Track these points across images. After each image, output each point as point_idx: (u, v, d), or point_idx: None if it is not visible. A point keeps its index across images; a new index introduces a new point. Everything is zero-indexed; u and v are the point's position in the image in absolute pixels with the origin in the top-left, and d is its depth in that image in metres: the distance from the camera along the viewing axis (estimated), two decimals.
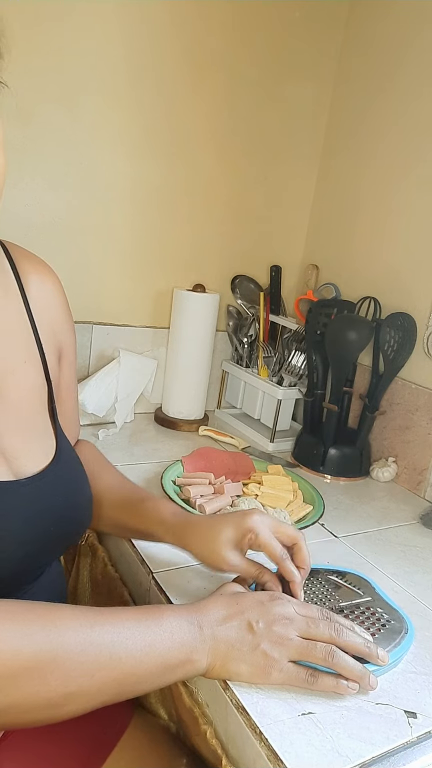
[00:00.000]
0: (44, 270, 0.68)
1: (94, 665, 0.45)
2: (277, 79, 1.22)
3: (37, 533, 0.57)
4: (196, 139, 1.18)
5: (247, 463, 1.04)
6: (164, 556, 0.73)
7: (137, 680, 0.48)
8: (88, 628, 0.46)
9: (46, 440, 0.63)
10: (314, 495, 0.97)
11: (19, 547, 0.55)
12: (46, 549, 0.60)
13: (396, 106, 1.13)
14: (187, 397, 1.23)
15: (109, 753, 0.66)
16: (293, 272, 1.38)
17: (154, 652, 0.48)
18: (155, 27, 1.06)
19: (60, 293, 0.70)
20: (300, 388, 1.20)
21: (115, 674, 0.46)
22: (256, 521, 0.62)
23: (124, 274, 1.19)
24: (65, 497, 0.61)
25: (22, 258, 0.67)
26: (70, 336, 0.72)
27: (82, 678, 0.45)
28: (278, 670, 0.52)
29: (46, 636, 0.44)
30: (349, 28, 1.24)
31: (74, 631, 0.46)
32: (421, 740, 0.51)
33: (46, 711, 0.45)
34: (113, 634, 0.47)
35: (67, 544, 0.65)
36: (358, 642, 0.55)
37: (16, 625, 0.44)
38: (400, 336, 1.06)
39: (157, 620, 0.50)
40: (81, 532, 0.67)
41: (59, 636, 0.45)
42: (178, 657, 0.50)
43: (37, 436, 0.62)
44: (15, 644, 0.43)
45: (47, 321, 0.66)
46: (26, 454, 0.59)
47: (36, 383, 0.63)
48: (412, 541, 0.88)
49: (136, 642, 0.48)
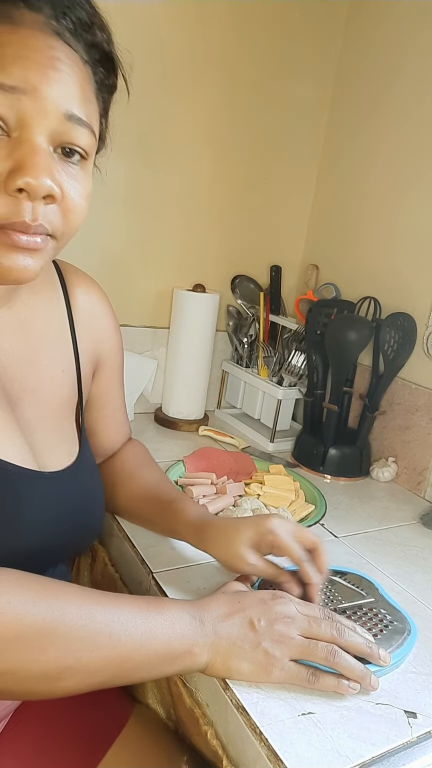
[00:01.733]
0: (90, 284, 0.72)
1: (93, 642, 0.46)
2: (277, 79, 1.22)
3: (49, 527, 0.57)
4: (196, 139, 1.18)
5: (248, 463, 1.04)
6: (164, 556, 0.73)
7: (135, 665, 0.49)
8: (91, 606, 0.47)
9: (69, 446, 0.66)
10: (316, 495, 0.97)
11: (30, 537, 0.55)
12: (55, 547, 0.61)
13: (396, 106, 1.13)
14: (187, 397, 1.23)
15: (109, 747, 0.66)
16: (293, 272, 1.38)
17: (155, 639, 0.49)
18: (155, 27, 1.06)
19: (104, 305, 0.74)
20: (300, 388, 1.20)
21: (113, 655, 0.47)
22: (276, 524, 0.63)
23: (124, 273, 1.19)
24: (81, 500, 0.63)
25: (70, 273, 0.71)
26: (114, 344, 0.76)
27: (80, 653, 0.46)
28: (279, 668, 0.52)
29: (48, 606, 0.45)
30: (349, 29, 1.24)
31: (77, 606, 0.47)
32: (421, 740, 0.51)
33: (43, 682, 0.45)
34: (114, 614, 0.48)
35: (74, 550, 0.66)
36: (359, 642, 0.55)
37: (21, 591, 0.45)
38: (400, 336, 1.06)
39: (159, 610, 0.51)
40: (90, 540, 0.69)
41: (62, 608, 0.46)
42: (179, 648, 0.50)
43: (62, 440, 0.65)
44: (18, 609, 0.44)
45: (89, 332, 0.70)
46: (52, 452, 0.62)
47: (70, 392, 0.67)
48: (412, 541, 0.88)
49: (137, 626, 0.49)
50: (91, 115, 0.50)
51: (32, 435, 0.60)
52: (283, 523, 0.64)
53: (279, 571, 0.63)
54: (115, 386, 0.80)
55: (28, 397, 0.61)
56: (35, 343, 0.63)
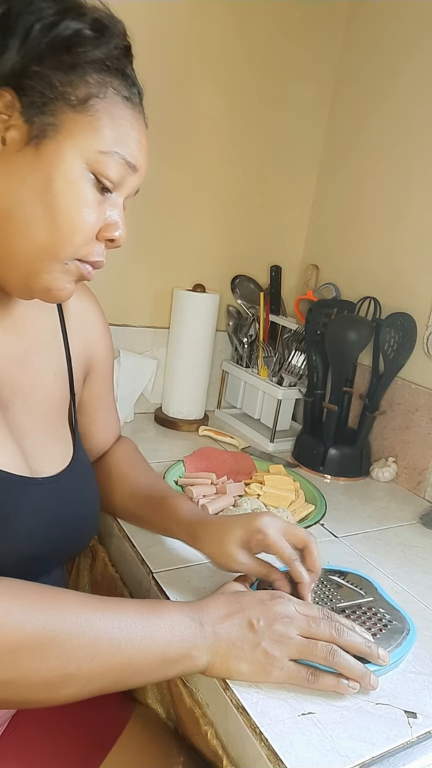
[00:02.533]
0: (82, 288, 0.73)
1: (94, 649, 0.46)
2: (277, 79, 1.22)
3: (44, 533, 0.57)
4: (196, 139, 1.18)
5: (248, 463, 1.04)
6: (164, 556, 0.73)
7: (135, 670, 0.49)
8: (90, 613, 0.48)
9: (63, 449, 0.66)
10: (316, 495, 0.97)
11: (22, 544, 0.55)
12: (50, 552, 0.61)
13: (396, 106, 1.13)
14: (187, 397, 1.23)
15: (111, 748, 0.66)
16: (293, 272, 1.38)
17: (154, 643, 0.49)
18: (155, 27, 1.06)
19: (95, 308, 0.75)
20: (300, 388, 1.20)
21: (113, 661, 0.47)
22: (266, 522, 0.62)
23: (124, 274, 1.19)
24: (75, 506, 0.63)
25: None
26: (105, 347, 0.77)
27: (80, 660, 0.46)
28: (279, 668, 0.52)
29: (48, 615, 0.45)
30: (349, 29, 1.24)
31: (76, 614, 0.47)
32: (421, 740, 0.51)
33: (44, 691, 0.46)
34: (114, 620, 0.48)
35: (69, 553, 0.66)
36: (358, 641, 0.55)
37: (20, 601, 0.45)
38: (400, 336, 1.06)
39: (158, 613, 0.51)
40: (85, 543, 0.69)
41: (61, 617, 0.46)
42: (178, 651, 0.50)
43: (55, 443, 0.65)
44: (17, 619, 0.44)
45: (80, 336, 0.71)
46: (45, 456, 0.62)
47: (62, 395, 0.68)
48: (412, 541, 0.88)
49: (137, 631, 0.49)
50: None
51: (23, 439, 0.60)
52: (274, 521, 0.63)
53: (270, 569, 0.63)
54: (106, 389, 0.80)
55: (19, 401, 0.61)
56: (28, 346, 0.63)
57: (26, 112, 0.50)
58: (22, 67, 0.49)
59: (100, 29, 0.52)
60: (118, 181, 0.54)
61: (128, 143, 0.54)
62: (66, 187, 0.51)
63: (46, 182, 0.51)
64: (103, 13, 0.52)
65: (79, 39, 0.50)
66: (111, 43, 0.52)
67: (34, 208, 0.51)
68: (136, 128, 0.55)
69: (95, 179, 0.53)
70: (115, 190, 0.55)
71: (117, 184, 0.54)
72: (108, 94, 0.52)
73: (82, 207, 0.52)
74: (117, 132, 0.53)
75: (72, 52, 0.50)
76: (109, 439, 0.84)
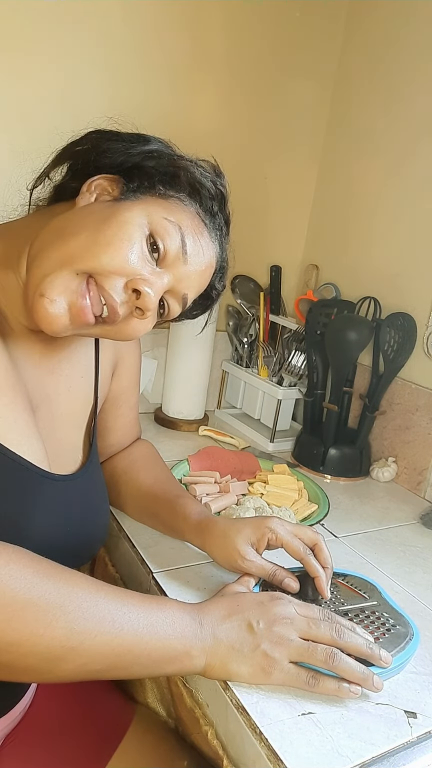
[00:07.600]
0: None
1: (97, 627, 0.47)
2: (277, 78, 1.22)
3: (56, 530, 0.58)
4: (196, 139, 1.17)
5: (252, 462, 1.04)
6: (164, 556, 0.73)
7: (134, 659, 0.49)
8: (96, 593, 0.49)
9: (77, 453, 0.68)
10: (319, 494, 0.97)
11: (37, 538, 0.55)
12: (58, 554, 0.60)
13: (396, 106, 1.13)
14: (187, 397, 1.23)
15: (115, 750, 0.66)
16: (293, 272, 1.38)
17: (155, 634, 0.50)
18: (155, 27, 1.06)
19: None
20: (300, 388, 1.20)
21: (115, 643, 0.48)
22: (276, 523, 0.65)
23: None
24: (86, 508, 0.64)
25: None
26: (131, 347, 0.79)
27: (83, 635, 0.46)
28: (279, 670, 0.52)
29: (58, 586, 0.47)
30: (349, 28, 1.24)
31: (84, 590, 0.48)
32: (421, 740, 0.51)
33: (45, 661, 0.46)
34: (118, 605, 0.49)
35: (77, 557, 0.65)
36: (359, 643, 0.55)
37: (34, 566, 0.47)
38: (400, 336, 1.06)
39: (160, 606, 0.52)
40: (93, 549, 0.69)
41: (70, 590, 0.48)
42: (177, 648, 0.50)
43: (70, 448, 0.67)
44: (29, 579, 0.46)
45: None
46: (61, 457, 0.64)
47: (85, 399, 0.70)
48: (412, 541, 0.88)
49: (139, 619, 0.50)
50: None
51: (46, 441, 0.61)
52: (283, 522, 0.65)
53: (276, 569, 0.64)
54: (133, 384, 0.82)
55: (45, 406, 0.63)
56: (62, 354, 0.66)
57: (124, 189, 0.59)
58: (138, 165, 0.61)
59: (220, 197, 0.70)
60: (169, 249, 0.57)
61: (191, 237, 0.59)
62: (121, 223, 0.55)
63: (107, 217, 0.55)
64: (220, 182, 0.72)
65: (203, 189, 0.65)
66: (224, 209, 0.71)
67: (84, 228, 0.55)
68: (202, 245, 0.61)
69: (150, 235, 0.56)
70: (162, 262, 0.57)
71: (166, 254, 0.57)
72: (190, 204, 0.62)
73: (124, 238, 0.54)
74: (185, 223, 0.59)
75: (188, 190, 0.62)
76: (129, 436, 0.86)
